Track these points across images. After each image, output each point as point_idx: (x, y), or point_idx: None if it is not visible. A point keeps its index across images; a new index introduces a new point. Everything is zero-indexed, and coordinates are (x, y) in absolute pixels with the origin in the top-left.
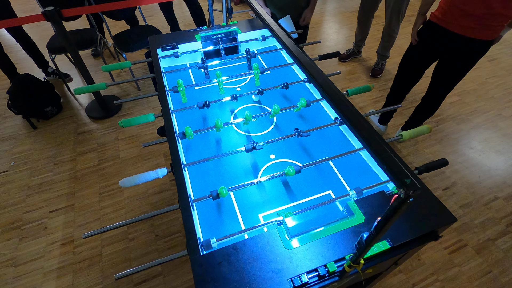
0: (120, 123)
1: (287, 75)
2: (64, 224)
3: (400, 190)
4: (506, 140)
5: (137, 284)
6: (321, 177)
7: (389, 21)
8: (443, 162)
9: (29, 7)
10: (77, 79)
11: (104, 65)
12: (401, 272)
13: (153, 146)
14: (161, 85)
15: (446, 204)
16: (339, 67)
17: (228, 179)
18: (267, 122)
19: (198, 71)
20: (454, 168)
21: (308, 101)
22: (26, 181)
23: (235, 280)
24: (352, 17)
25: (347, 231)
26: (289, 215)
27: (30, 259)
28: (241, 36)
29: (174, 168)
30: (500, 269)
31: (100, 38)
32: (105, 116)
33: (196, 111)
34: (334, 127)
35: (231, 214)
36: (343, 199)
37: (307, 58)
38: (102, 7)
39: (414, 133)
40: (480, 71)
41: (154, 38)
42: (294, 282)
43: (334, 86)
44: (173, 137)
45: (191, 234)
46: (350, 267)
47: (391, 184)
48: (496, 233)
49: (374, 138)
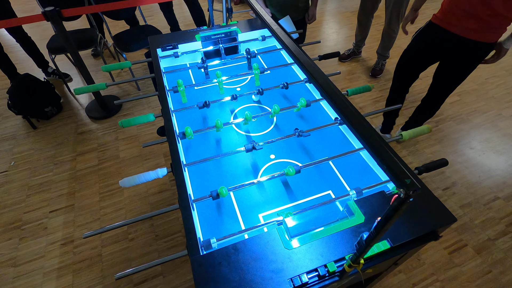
0: (120, 123)
1: (287, 75)
2: (64, 224)
3: (400, 190)
4: (506, 140)
5: (137, 284)
6: (321, 177)
7: (389, 21)
8: (443, 162)
9: (29, 7)
10: (77, 79)
11: (104, 65)
12: (401, 272)
13: (153, 146)
14: (161, 85)
15: (446, 204)
16: (339, 67)
17: (228, 179)
18: (267, 122)
19: (198, 71)
20: (454, 168)
21: (308, 101)
22: (26, 181)
23: (235, 280)
24: (352, 17)
25: (347, 231)
26: (289, 215)
27: (30, 259)
28: (241, 36)
29: (174, 168)
30: (500, 269)
31: (100, 38)
32: (105, 116)
33: (196, 111)
34: (334, 127)
35: (231, 214)
36: (343, 199)
37: (307, 58)
38: (102, 7)
39: (414, 133)
40: (480, 71)
41: (154, 38)
42: (294, 282)
43: (334, 86)
44: (173, 137)
45: (191, 234)
46: (350, 267)
47: (391, 184)
48: (496, 233)
49: (374, 138)
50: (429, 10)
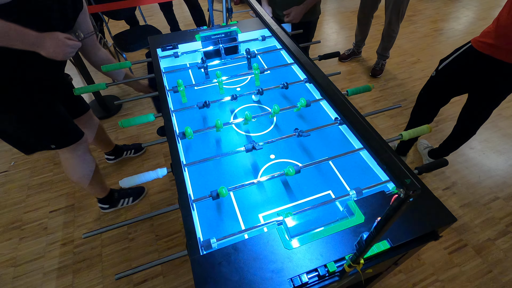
0: (120, 123)
1: (287, 75)
2: (64, 224)
3: (400, 190)
4: (506, 140)
5: (137, 284)
6: (321, 177)
7: (388, 21)
8: (443, 162)
9: None
10: (77, 79)
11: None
12: (401, 272)
13: (153, 146)
14: (161, 85)
15: (446, 204)
16: (339, 67)
17: (228, 179)
18: (267, 122)
19: (198, 71)
20: (454, 168)
21: (308, 101)
22: (26, 181)
23: (235, 280)
24: (352, 17)
25: (347, 231)
26: (289, 215)
27: (30, 259)
28: (241, 36)
29: (174, 168)
30: (500, 269)
31: (100, 38)
32: (105, 116)
33: (196, 111)
34: (334, 127)
35: (231, 214)
36: (343, 199)
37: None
38: (102, 7)
39: (414, 133)
40: None
41: (154, 38)
42: (294, 282)
43: (334, 86)
44: (173, 137)
45: (191, 234)
46: (350, 267)
47: (391, 184)
48: (496, 233)
49: (374, 138)
50: (429, 10)
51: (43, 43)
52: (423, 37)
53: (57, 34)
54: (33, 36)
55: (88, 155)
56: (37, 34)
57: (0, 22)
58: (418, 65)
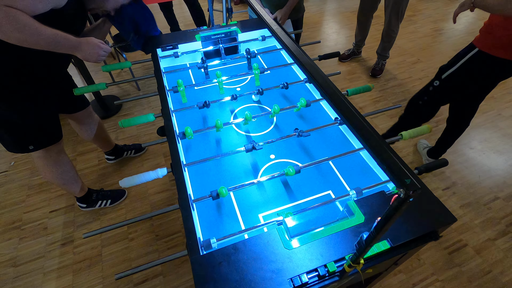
0: (120, 123)
1: (287, 75)
2: (64, 224)
3: (400, 190)
4: (506, 140)
5: (137, 284)
6: (321, 177)
7: (388, 22)
8: (443, 162)
9: None
10: (77, 79)
11: (104, 65)
12: (401, 272)
13: (153, 146)
14: (161, 85)
15: (446, 204)
16: (339, 67)
17: (228, 179)
18: (267, 122)
19: (198, 71)
20: (454, 168)
21: (308, 101)
22: (26, 181)
23: (235, 280)
24: (352, 17)
25: (347, 231)
26: (289, 215)
27: (30, 259)
28: (241, 36)
29: (174, 168)
30: (500, 269)
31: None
32: (105, 116)
33: (196, 111)
34: (334, 127)
35: (231, 214)
36: (343, 199)
37: (307, 58)
38: None
39: (414, 133)
40: None
41: (154, 38)
42: (294, 282)
43: (334, 86)
44: (173, 137)
45: (191, 234)
46: (350, 267)
47: (391, 184)
48: (496, 233)
49: (374, 138)
50: (429, 10)
51: (81, 46)
52: (423, 37)
53: (92, 39)
54: (74, 40)
55: (62, 155)
56: (77, 39)
57: (50, 29)
58: (418, 65)
